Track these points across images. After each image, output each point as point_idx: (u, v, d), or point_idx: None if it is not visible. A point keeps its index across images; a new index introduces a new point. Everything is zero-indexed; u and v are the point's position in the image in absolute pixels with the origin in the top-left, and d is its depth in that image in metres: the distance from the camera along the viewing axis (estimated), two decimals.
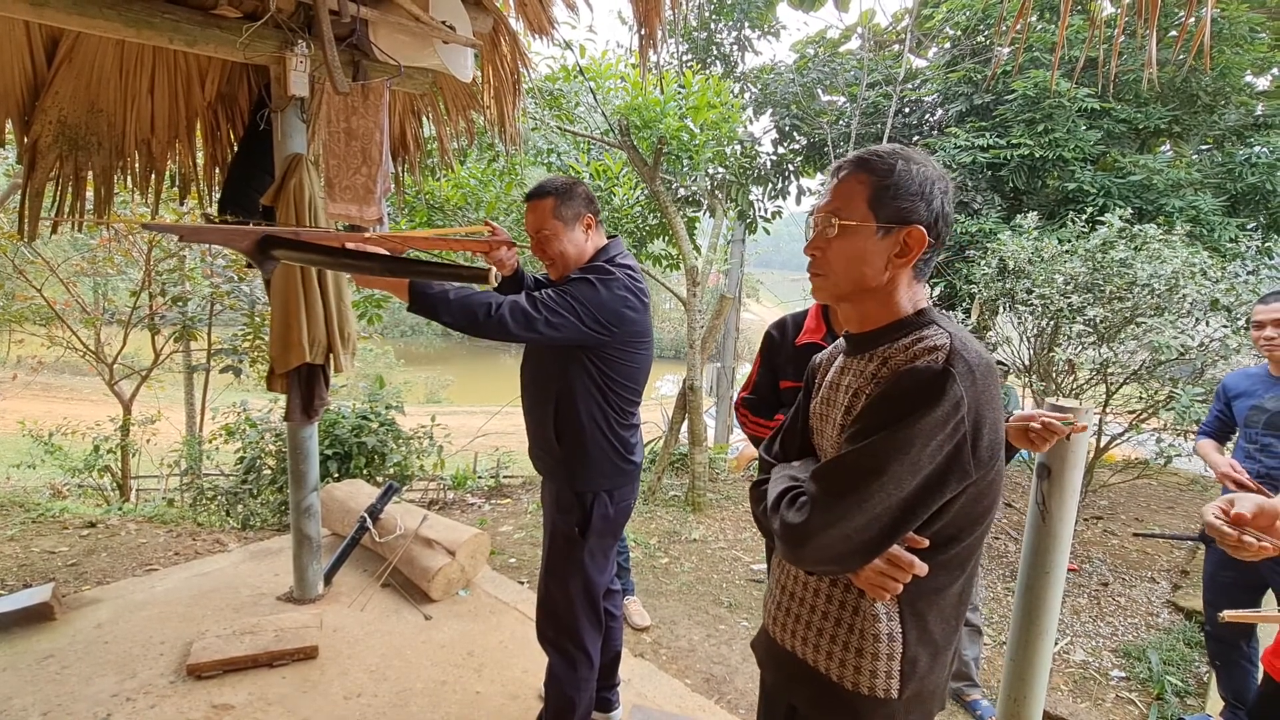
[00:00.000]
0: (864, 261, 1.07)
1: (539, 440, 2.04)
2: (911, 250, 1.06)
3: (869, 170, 1.07)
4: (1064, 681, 3.06)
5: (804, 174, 8.50)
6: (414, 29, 2.56)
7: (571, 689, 2.04)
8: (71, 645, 2.62)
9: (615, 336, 1.89)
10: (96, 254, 6.92)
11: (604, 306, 1.84)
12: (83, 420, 7.13)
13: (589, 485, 1.97)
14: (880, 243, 1.06)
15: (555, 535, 2.03)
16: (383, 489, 3.43)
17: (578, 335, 1.83)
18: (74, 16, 2.17)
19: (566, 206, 1.93)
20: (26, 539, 3.83)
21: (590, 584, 2.01)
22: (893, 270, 1.07)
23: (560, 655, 2.05)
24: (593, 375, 1.92)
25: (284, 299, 2.61)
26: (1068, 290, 4.00)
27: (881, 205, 1.06)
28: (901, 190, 1.05)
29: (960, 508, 1.02)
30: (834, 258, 1.09)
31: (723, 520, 4.94)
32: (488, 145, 5.90)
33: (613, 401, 1.96)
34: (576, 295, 1.82)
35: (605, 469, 1.97)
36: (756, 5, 8.38)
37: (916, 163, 1.07)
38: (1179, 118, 6.37)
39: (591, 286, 1.84)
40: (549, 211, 1.92)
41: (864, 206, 1.06)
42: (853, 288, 1.10)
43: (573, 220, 1.94)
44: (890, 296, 1.09)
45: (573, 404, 1.93)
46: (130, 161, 3.21)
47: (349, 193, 2.75)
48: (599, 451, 1.96)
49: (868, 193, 1.06)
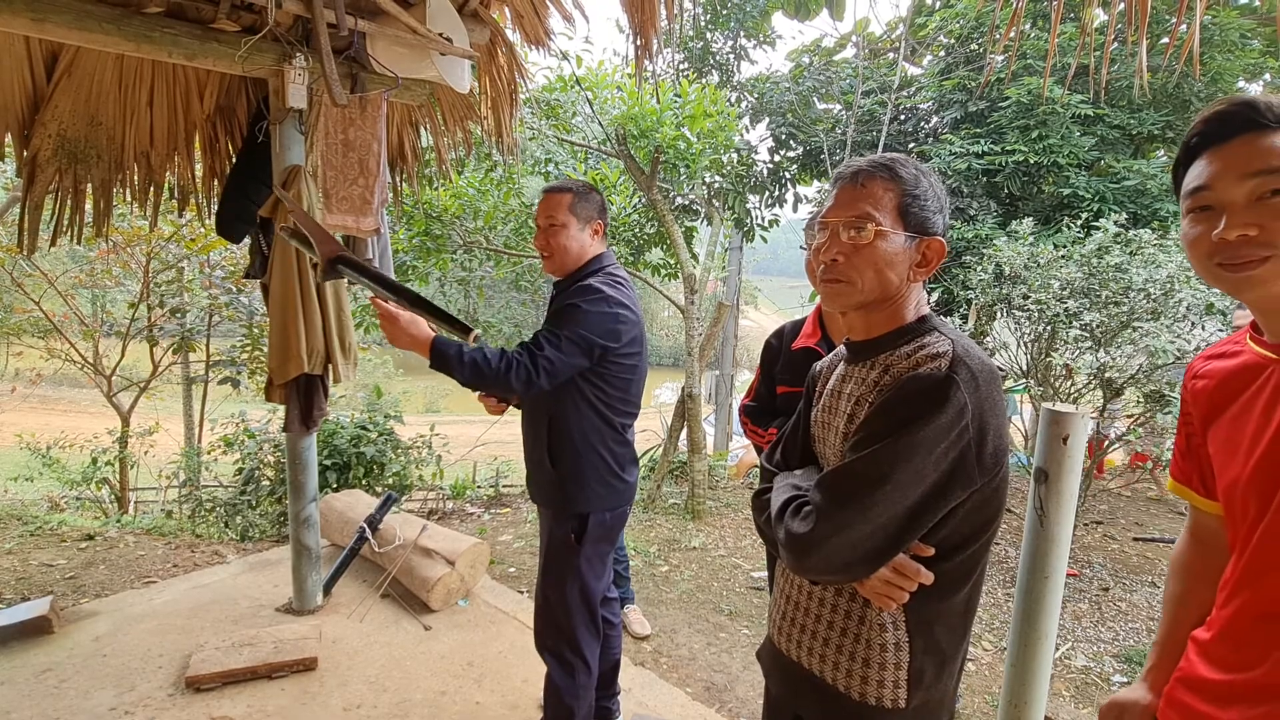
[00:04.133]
0: (892, 268, 1.05)
1: (533, 460, 2.05)
2: (930, 262, 1.06)
3: (895, 177, 1.05)
4: (1065, 687, 3.05)
5: (801, 181, 8.54)
6: (411, 41, 2.58)
7: (570, 697, 2.04)
8: (70, 658, 2.60)
9: (611, 352, 1.92)
10: (95, 266, 6.92)
11: (596, 327, 1.89)
12: (81, 433, 7.11)
13: (584, 507, 1.99)
14: (905, 251, 1.05)
15: (552, 542, 2.03)
16: (382, 499, 3.42)
17: (579, 368, 1.90)
18: (74, 31, 2.19)
19: (582, 206, 1.99)
20: (24, 552, 3.81)
21: (588, 590, 2.02)
22: (912, 279, 1.07)
23: (559, 663, 2.05)
24: (585, 393, 1.95)
25: (282, 310, 2.62)
26: (1064, 295, 4.01)
27: (909, 214, 1.05)
28: (927, 201, 1.05)
29: (965, 515, 1.02)
30: (862, 264, 1.05)
31: (722, 528, 4.93)
32: (485, 155, 5.92)
33: (607, 417, 1.98)
34: (570, 332, 1.87)
35: (600, 490, 1.99)
36: (752, 15, 8.44)
37: (927, 174, 1.08)
38: (1172, 123, 6.42)
39: (580, 311, 1.89)
40: (565, 205, 1.97)
41: (894, 213, 1.04)
42: (877, 295, 1.07)
43: (584, 221, 1.99)
44: (899, 305, 1.09)
45: (565, 423, 1.95)
46: (129, 174, 3.22)
47: (345, 203, 2.76)
48: (593, 472, 1.97)
49: (897, 200, 1.04)
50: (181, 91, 3.09)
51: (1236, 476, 0.91)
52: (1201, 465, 1.04)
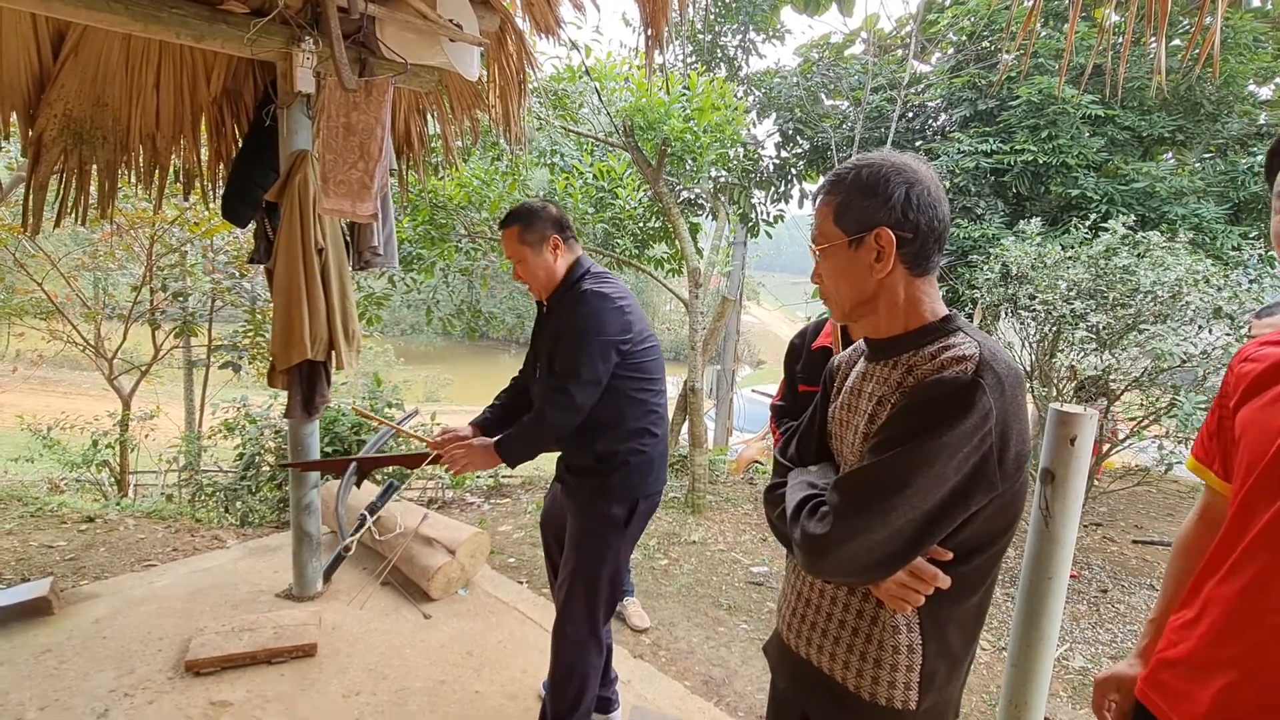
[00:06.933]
0: (846, 277, 1.09)
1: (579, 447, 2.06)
2: (885, 251, 1.04)
3: (830, 189, 1.10)
4: (1063, 688, 3.05)
5: (807, 178, 8.49)
6: (421, 26, 2.56)
7: (586, 676, 2.08)
8: (69, 640, 2.61)
9: (629, 342, 1.97)
10: (98, 248, 6.91)
11: (607, 328, 1.93)
12: (81, 415, 7.11)
13: (636, 492, 2.04)
14: (857, 254, 1.06)
15: (593, 526, 2.05)
16: (383, 487, 3.42)
17: (609, 372, 1.95)
18: (81, 10, 2.17)
19: (530, 232, 2.01)
20: (24, 533, 3.82)
21: (618, 574, 2.10)
22: (879, 275, 1.06)
23: (578, 644, 2.08)
24: (618, 386, 1.99)
25: (287, 295, 2.61)
26: (1070, 296, 3.99)
27: (844, 218, 1.07)
28: (857, 197, 1.06)
29: (984, 520, 1.01)
30: (826, 281, 1.12)
31: (722, 522, 4.93)
32: (492, 144, 5.90)
33: (642, 399, 2.04)
34: (586, 344, 1.91)
35: (647, 476, 2.06)
36: (761, 9, 8.38)
37: (873, 165, 1.06)
38: (1183, 126, 6.38)
39: (586, 321, 1.93)
40: (515, 238, 2.02)
41: (831, 225, 1.09)
42: (852, 303, 1.11)
43: (538, 244, 2.01)
44: (893, 301, 1.07)
45: (609, 412, 2.00)
46: (134, 156, 3.20)
47: (343, 187, 2.73)
48: (641, 457, 2.04)
49: (832, 211, 1.09)
50: (188, 73, 3.07)
51: (1256, 458, 0.91)
52: (1226, 447, 1.06)
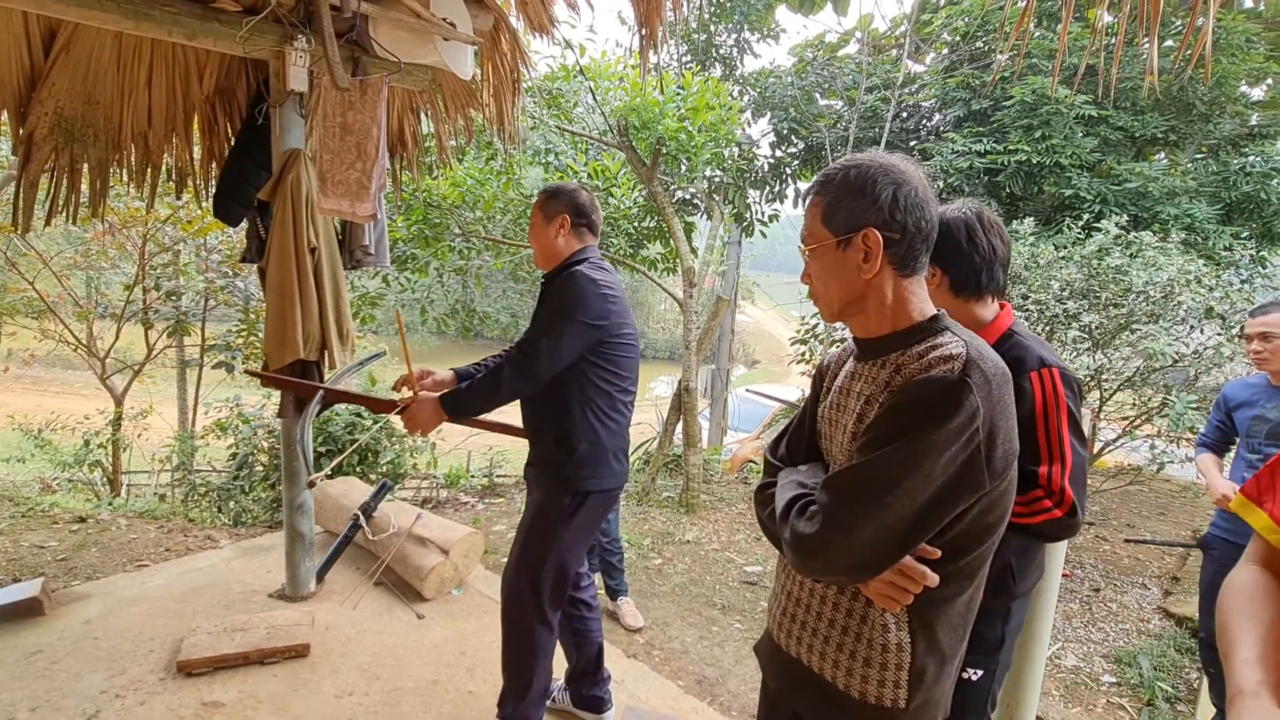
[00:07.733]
0: (834, 277, 1.09)
1: (538, 436, 2.07)
2: (873, 251, 1.05)
3: (819, 191, 1.11)
4: (1055, 686, 3.07)
5: (801, 177, 8.51)
6: (415, 25, 2.55)
7: (531, 660, 2.10)
8: (60, 641, 2.59)
9: (607, 331, 1.96)
10: (90, 247, 6.86)
11: (586, 308, 1.93)
12: (73, 414, 7.07)
13: (586, 485, 2.01)
14: (844, 255, 1.07)
15: (542, 514, 2.05)
16: (376, 487, 3.41)
17: (578, 350, 1.94)
18: (72, 7, 2.15)
19: (550, 204, 2.07)
20: (15, 533, 3.79)
21: (565, 567, 2.07)
22: (866, 275, 1.06)
23: (520, 629, 2.10)
24: (588, 374, 1.98)
25: (280, 295, 2.60)
26: (1063, 296, 4.01)
27: (833, 218, 1.08)
28: (845, 197, 1.06)
29: (973, 519, 1.01)
30: (815, 282, 1.13)
31: (716, 522, 4.93)
32: (486, 144, 5.88)
33: (611, 396, 2.03)
34: (562, 316, 1.92)
35: (601, 470, 2.03)
36: (756, 8, 8.39)
37: (861, 165, 1.06)
38: (1175, 126, 6.42)
39: (568, 296, 1.93)
40: (538, 206, 2.10)
41: (820, 226, 1.09)
42: (840, 303, 1.12)
43: (549, 218, 2.07)
44: (881, 301, 1.07)
45: (573, 401, 1.99)
46: (126, 154, 3.18)
47: (341, 187, 2.73)
48: (600, 450, 2.01)
49: (821, 212, 1.09)
50: (181, 72, 3.05)
51: None
52: None
